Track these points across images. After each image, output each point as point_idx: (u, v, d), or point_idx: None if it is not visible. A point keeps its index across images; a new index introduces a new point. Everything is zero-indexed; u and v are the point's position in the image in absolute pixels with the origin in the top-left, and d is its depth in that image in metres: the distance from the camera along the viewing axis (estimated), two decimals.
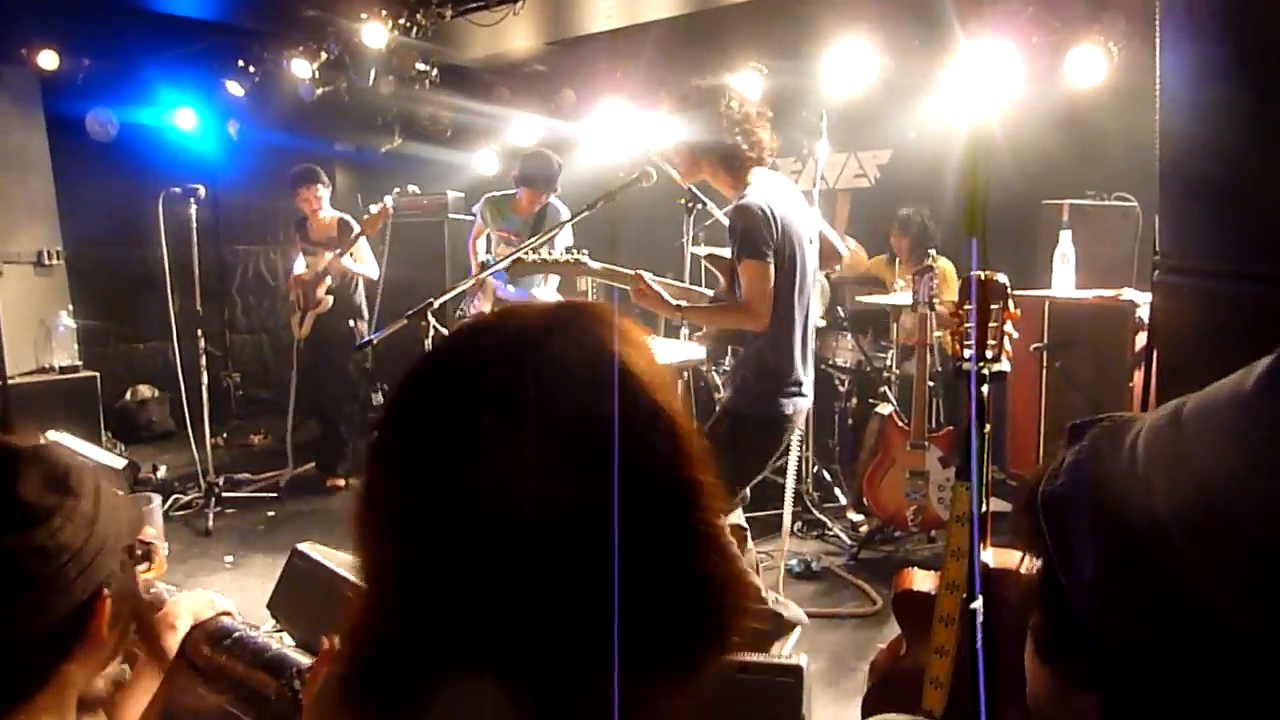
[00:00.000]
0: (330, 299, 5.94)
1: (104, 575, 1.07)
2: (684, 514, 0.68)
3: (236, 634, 1.62)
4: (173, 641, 1.55)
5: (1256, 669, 0.53)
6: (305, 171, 6.04)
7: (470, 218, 7.54)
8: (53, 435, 3.94)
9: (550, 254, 3.72)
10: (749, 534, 3.65)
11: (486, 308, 5.51)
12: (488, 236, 5.79)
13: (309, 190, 5.99)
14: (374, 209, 5.86)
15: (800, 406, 3.34)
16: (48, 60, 6.27)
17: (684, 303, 3.37)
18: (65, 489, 1.05)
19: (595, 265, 3.68)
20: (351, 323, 6.01)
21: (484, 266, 4.78)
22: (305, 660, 1.62)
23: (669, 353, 4.65)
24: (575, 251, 3.74)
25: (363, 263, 6.08)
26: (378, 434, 0.71)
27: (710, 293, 3.58)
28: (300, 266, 6.13)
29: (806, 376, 3.33)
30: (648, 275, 3.44)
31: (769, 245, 3.14)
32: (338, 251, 5.85)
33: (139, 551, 1.19)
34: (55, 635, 1.04)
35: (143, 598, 1.19)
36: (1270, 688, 0.53)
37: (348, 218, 6.07)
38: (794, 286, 3.24)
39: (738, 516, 3.55)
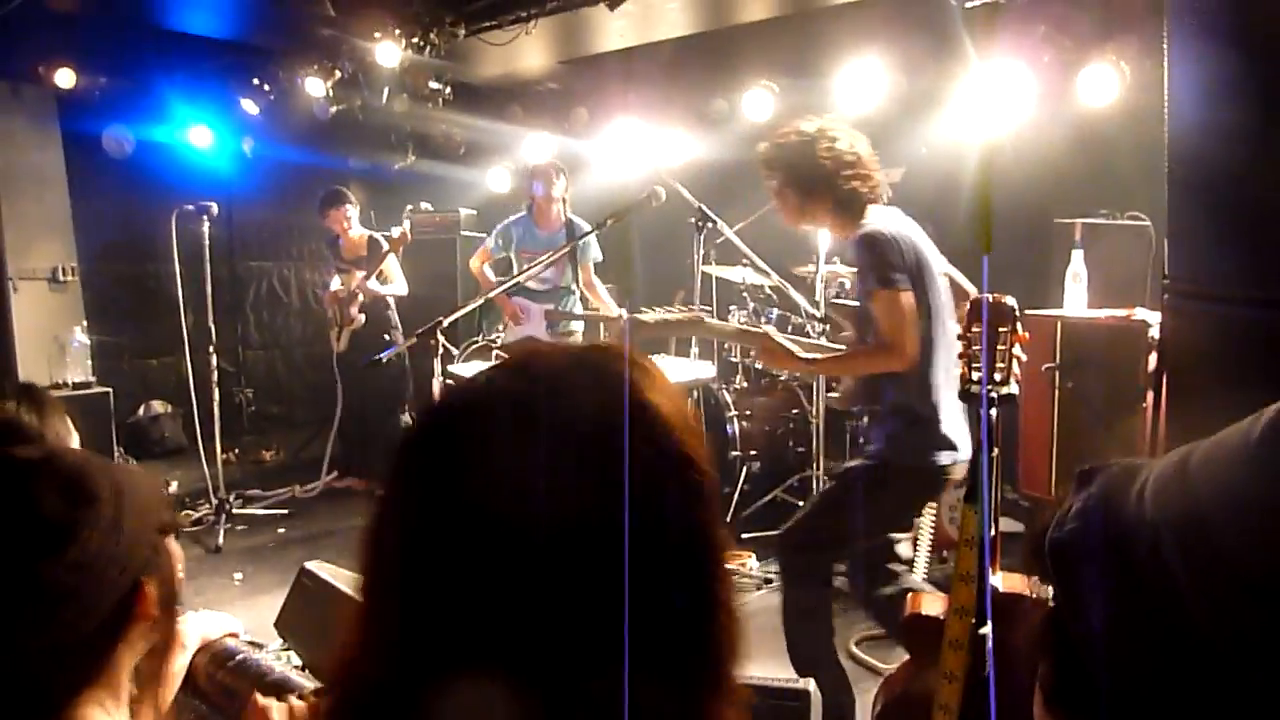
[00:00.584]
0: (363, 317, 6.11)
1: (140, 565, 1.10)
2: (698, 562, 0.68)
3: (240, 656, 1.62)
4: (181, 662, 1.54)
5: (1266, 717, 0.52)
6: (334, 194, 6.26)
7: (482, 235, 7.59)
8: None
9: (667, 314, 3.39)
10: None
11: (531, 330, 5.56)
12: (507, 260, 5.83)
13: (339, 211, 6.21)
14: (395, 232, 6.00)
15: (959, 460, 2.93)
16: (64, 78, 6.34)
17: (815, 355, 3.15)
18: (86, 497, 1.05)
19: (717, 324, 3.60)
20: (387, 337, 6.11)
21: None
22: (309, 684, 1.62)
23: (678, 372, 4.66)
24: (689, 307, 3.63)
25: (391, 282, 6.26)
26: (400, 456, 0.72)
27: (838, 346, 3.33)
28: (336, 284, 6.35)
29: (959, 425, 2.93)
30: (773, 331, 3.25)
31: (901, 271, 2.87)
32: (364, 275, 6.05)
33: (168, 523, 1.20)
34: (102, 633, 1.07)
35: (176, 570, 1.19)
36: None
37: (378, 236, 6.24)
38: (931, 319, 2.94)
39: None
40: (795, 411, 5.69)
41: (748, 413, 5.65)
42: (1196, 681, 0.54)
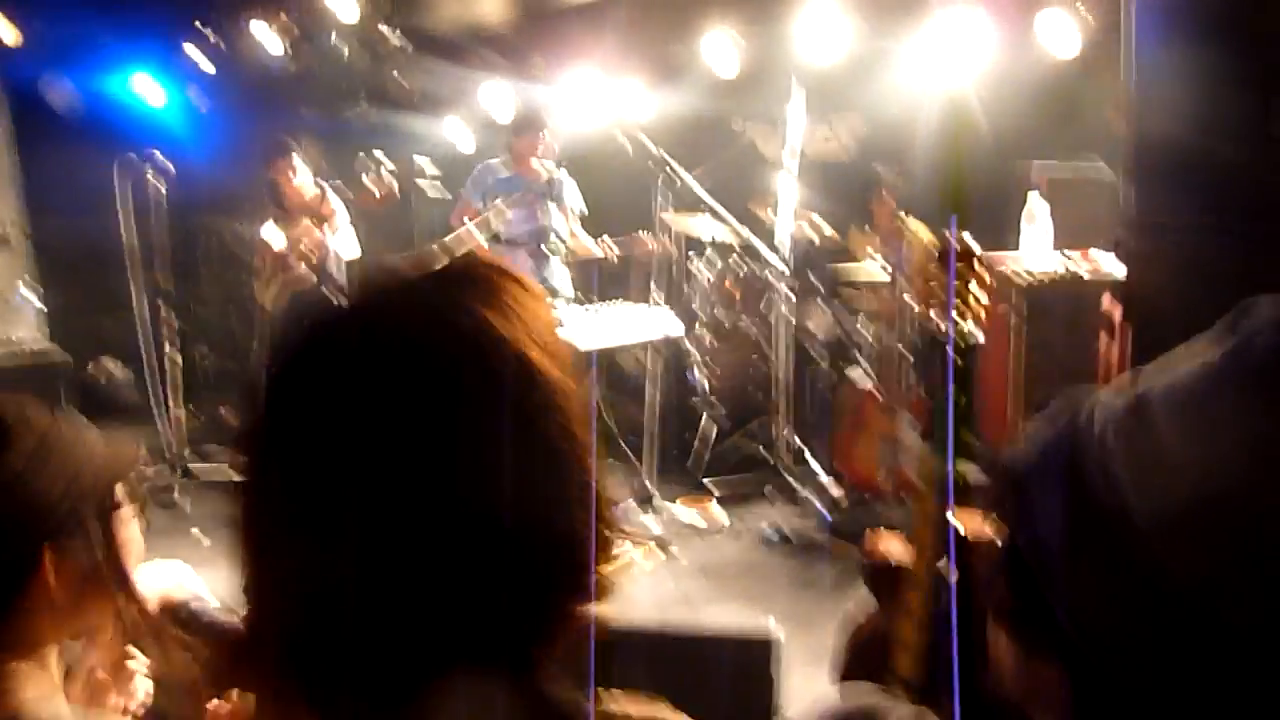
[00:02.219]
0: (313, 277, 5.70)
1: (45, 531, 1.05)
2: (543, 444, 0.67)
3: (205, 619, 1.59)
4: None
5: (1218, 637, 0.53)
6: (276, 144, 5.78)
7: (437, 184, 7.46)
8: None
9: None
10: None
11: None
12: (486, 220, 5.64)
13: (284, 160, 5.73)
14: (368, 180, 5.70)
15: None
16: (3, 30, 6.10)
17: None
18: None
19: None
20: (333, 300, 5.88)
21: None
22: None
23: (639, 322, 4.64)
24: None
25: (336, 232, 5.84)
26: (262, 421, 0.70)
27: None
28: (270, 230, 5.81)
29: None
30: None
31: None
32: (311, 222, 5.66)
33: (112, 500, 1.15)
34: None
35: (120, 547, 1.15)
36: (1233, 658, 0.53)
37: (328, 189, 5.88)
38: None
39: None
40: (757, 358, 5.70)
41: (711, 362, 5.66)
42: (1148, 603, 0.55)
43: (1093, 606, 0.57)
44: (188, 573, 1.63)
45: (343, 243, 5.90)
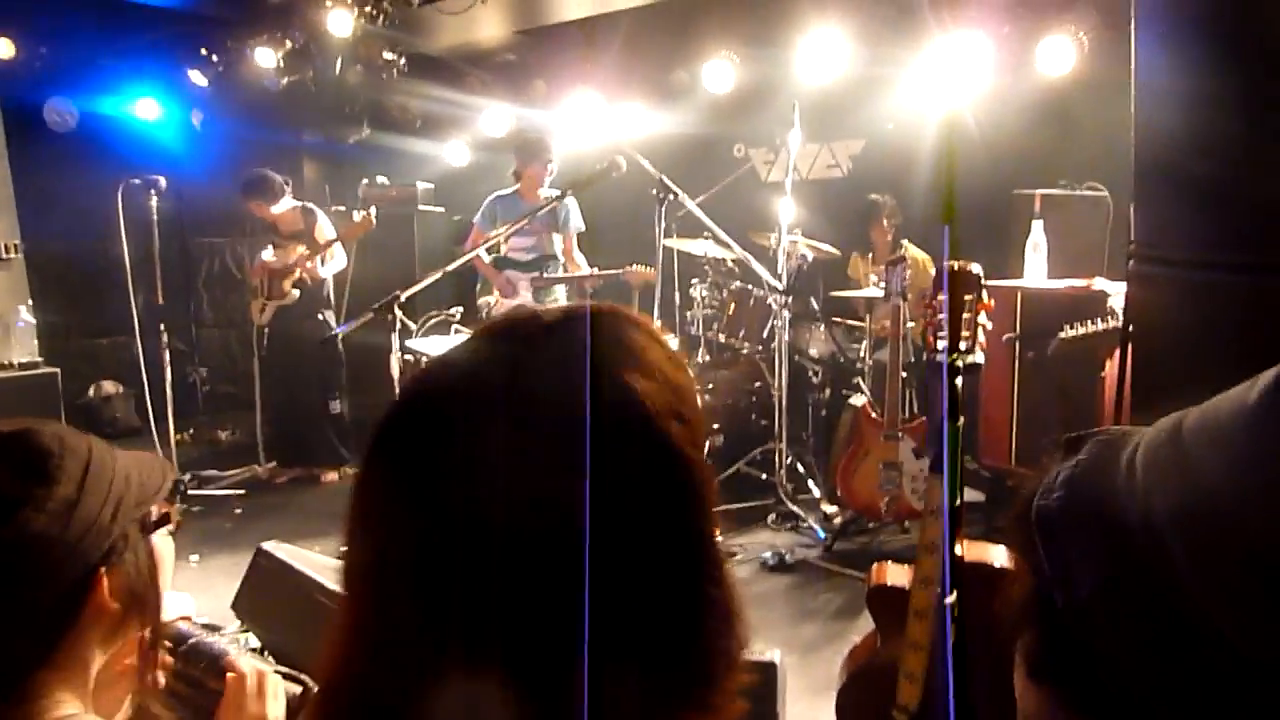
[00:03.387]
0: (296, 293, 5.83)
1: (95, 555, 1.07)
2: (680, 534, 0.64)
3: (192, 640, 1.58)
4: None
5: (1262, 690, 0.51)
6: (252, 182, 5.82)
7: (439, 209, 7.48)
8: None
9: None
10: None
11: (520, 300, 5.54)
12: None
13: (256, 203, 5.82)
14: (357, 216, 5.75)
15: None
16: (3, 49, 6.12)
17: None
18: (39, 477, 1.04)
19: None
20: (320, 316, 5.91)
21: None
22: (265, 668, 1.57)
23: None
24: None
25: (333, 259, 5.96)
26: (377, 437, 0.67)
27: None
28: (269, 254, 5.95)
29: None
30: None
31: None
32: (305, 253, 5.75)
33: (154, 519, 1.17)
34: (50, 618, 1.05)
35: (156, 567, 1.16)
36: (1271, 709, 0.51)
37: (310, 206, 5.95)
38: None
39: None
40: (758, 385, 5.68)
41: (710, 386, 5.64)
42: (1189, 652, 0.53)
43: (1138, 668, 0.55)
44: (188, 602, 1.62)
45: (336, 263, 5.99)
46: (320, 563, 2.67)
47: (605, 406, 0.61)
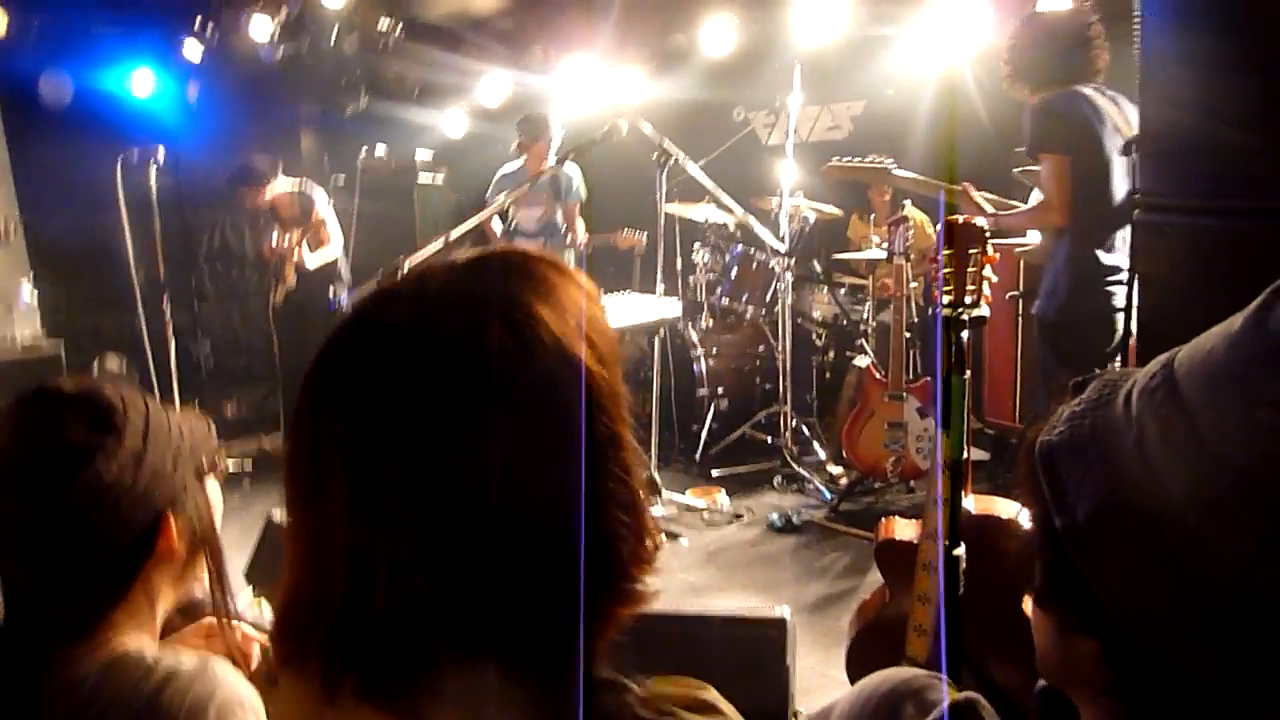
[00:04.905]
0: (295, 278, 5.85)
1: (162, 501, 1.17)
2: (586, 435, 0.66)
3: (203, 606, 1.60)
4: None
5: (1254, 608, 0.52)
6: (236, 174, 5.83)
7: (439, 178, 7.46)
8: None
9: (847, 161, 4.09)
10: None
11: None
12: (506, 211, 5.85)
13: (245, 191, 5.82)
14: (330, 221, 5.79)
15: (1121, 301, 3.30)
16: None
17: (997, 213, 3.65)
18: (108, 428, 1.14)
19: (907, 174, 3.97)
20: (331, 290, 5.92)
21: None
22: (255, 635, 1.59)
23: (643, 310, 4.63)
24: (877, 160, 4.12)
25: (326, 243, 5.92)
26: (312, 399, 0.68)
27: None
28: (275, 238, 5.96)
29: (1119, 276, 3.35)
30: (971, 187, 3.70)
31: (1063, 141, 3.33)
32: (297, 241, 5.76)
33: (206, 466, 1.26)
34: (122, 561, 1.15)
35: (211, 513, 1.26)
36: (1259, 617, 0.52)
37: (307, 191, 5.90)
38: (1101, 187, 3.35)
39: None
40: (761, 348, 5.69)
41: (714, 350, 5.65)
42: (1181, 573, 0.54)
43: (1133, 585, 0.57)
44: None
45: (331, 248, 5.99)
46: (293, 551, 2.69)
47: (511, 327, 0.65)
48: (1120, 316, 3.30)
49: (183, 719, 1.05)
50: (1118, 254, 3.36)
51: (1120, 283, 3.29)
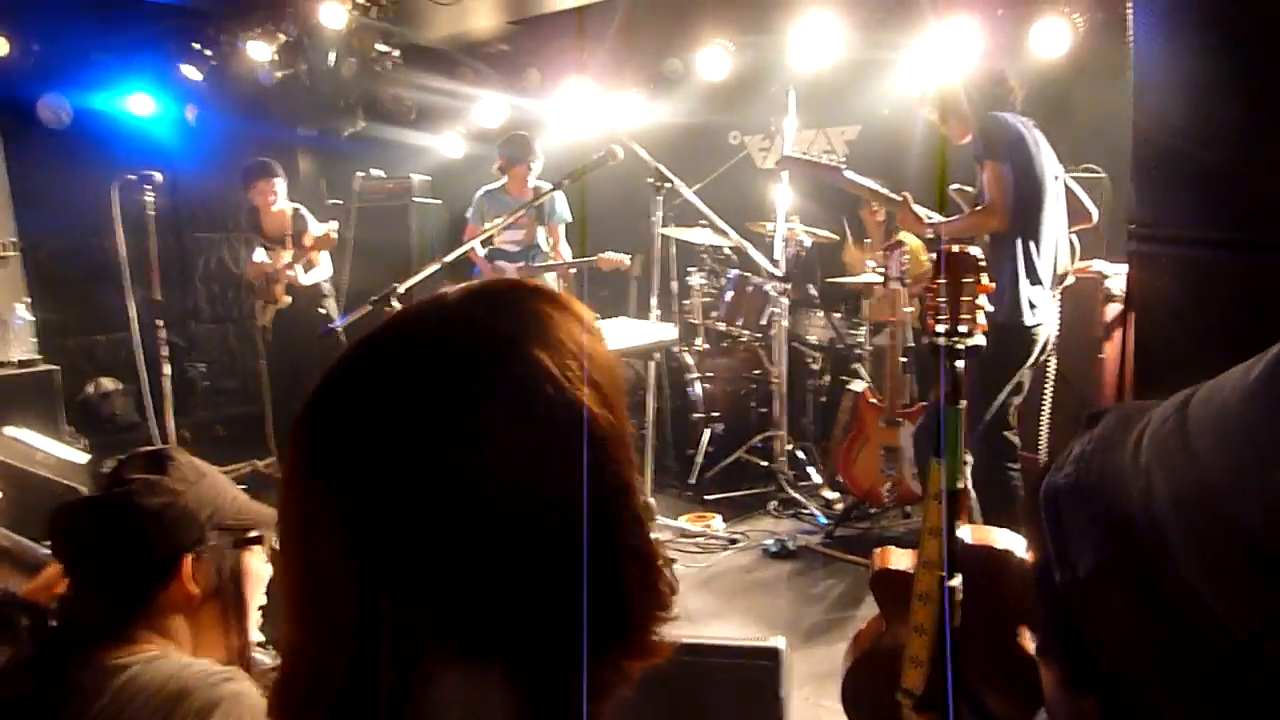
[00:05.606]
0: (289, 299, 5.83)
1: (185, 540, 1.35)
2: (590, 485, 0.64)
3: None
4: None
5: (1252, 673, 0.50)
6: (259, 165, 5.87)
7: (436, 201, 7.47)
8: (10, 431, 3.84)
9: (805, 154, 4.39)
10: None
11: None
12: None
13: (266, 184, 5.82)
14: (319, 230, 5.73)
15: (1043, 321, 3.58)
16: None
17: (936, 220, 3.87)
18: (158, 469, 1.37)
19: (857, 179, 4.11)
20: (322, 309, 5.91)
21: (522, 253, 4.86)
22: (269, 660, 1.58)
23: (637, 333, 4.62)
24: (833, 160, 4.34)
25: (316, 265, 5.92)
26: (293, 431, 0.68)
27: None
28: (260, 255, 5.96)
29: (1045, 296, 3.58)
30: (910, 197, 3.92)
31: (1006, 149, 3.55)
32: (290, 259, 5.75)
33: (245, 536, 1.43)
34: (142, 578, 1.34)
35: (242, 573, 1.42)
36: (1262, 692, 0.50)
37: (302, 210, 5.92)
38: (1034, 200, 3.58)
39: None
40: (757, 372, 5.68)
41: (709, 375, 5.64)
42: (1179, 632, 0.52)
43: (1130, 648, 0.54)
44: None
45: (320, 270, 5.97)
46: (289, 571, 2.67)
47: (513, 381, 0.63)
48: (1041, 330, 3.57)
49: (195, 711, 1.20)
50: (1044, 269, 3.57)
51: (1041, 298, 3.54)
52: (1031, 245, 3.59)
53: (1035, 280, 3.57)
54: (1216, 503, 0.51)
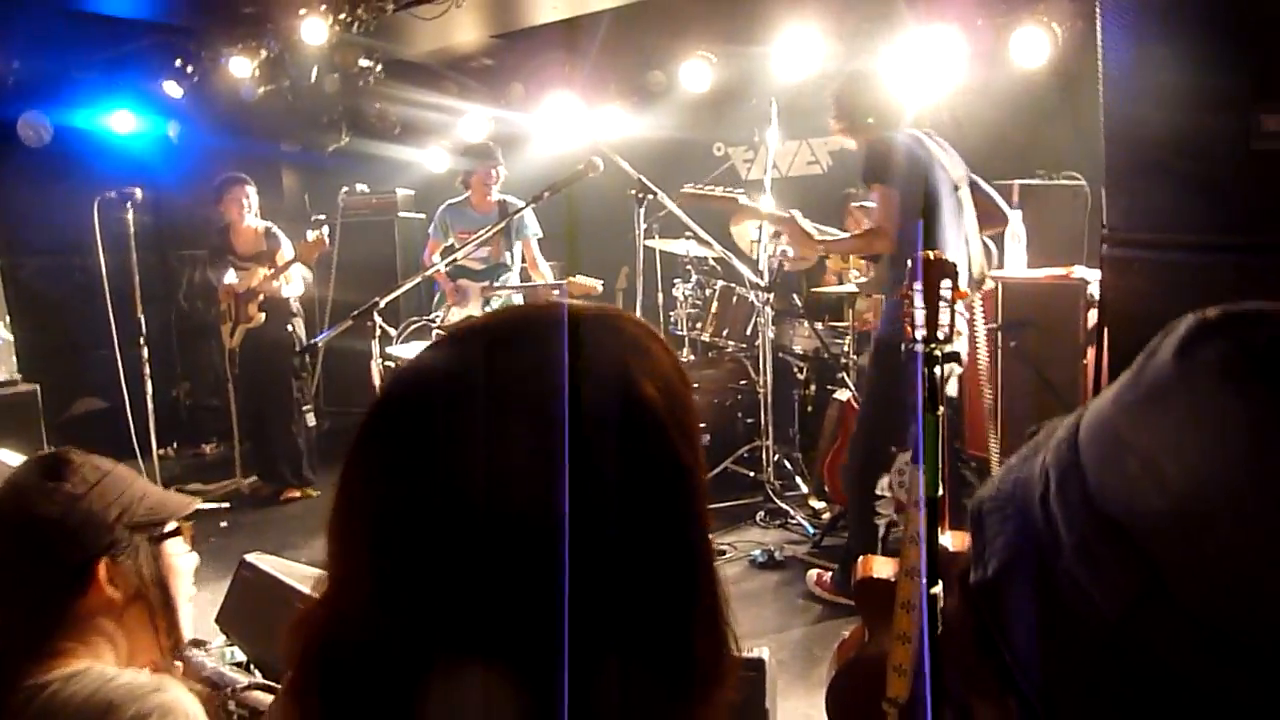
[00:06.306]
0: (263, 316, 5.78)
1: (95, 544, 1.28)
2: (676, 539, 0.64)
3: (205, 671, 1.57)
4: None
5: (1129, 663, 0.51)
6: (231, 176, 5.85)
7: (420, 216, 7.46)
8: None
9: (710, 190, 4.41)
10: None
11: (471, 309, 5.47)
12: (452, 246, 5.69)
13: (239, 189, 5.77)
14: (310, 236, 5.67)
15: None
16: None
17: (827, 238, 3.93)
18: (54, 475, 1.30)
19: (749, 203, 4.20)
20: (289, 327, 5.86)
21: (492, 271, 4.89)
22: (242, 679, 1.56)
23: None
24: (729, 191, 4.38)
25: (290, 282, 5.88)
26: (364, 435, 0.67)
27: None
28: (231, 277, 5.89)
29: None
30: (798, 215, 4.00)
31: (893, 172, 3.57)
32: (269, 273, 5.71)
33: (161, 531, 1.37)
34: (56, 592, 1.27)
35: (165, 570, 1.37)
36: (1137, 672, 0.51)
37: (274, 228, 5.89)
38: (930, 216, 3.59)
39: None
40: (743, 383, 5.68)
41: (695, 385, 5.62)
42: (1065, 622, 0.53)
43: (1028, 643, 0.55)
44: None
45: (294, 287, 5.94)
46: (304, 573, 2.65)
47: (616, 410, 0.62)
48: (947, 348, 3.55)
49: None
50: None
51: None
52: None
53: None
54: (1090, 496, 0.53)
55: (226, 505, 5.71)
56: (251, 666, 2.43)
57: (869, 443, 3.79)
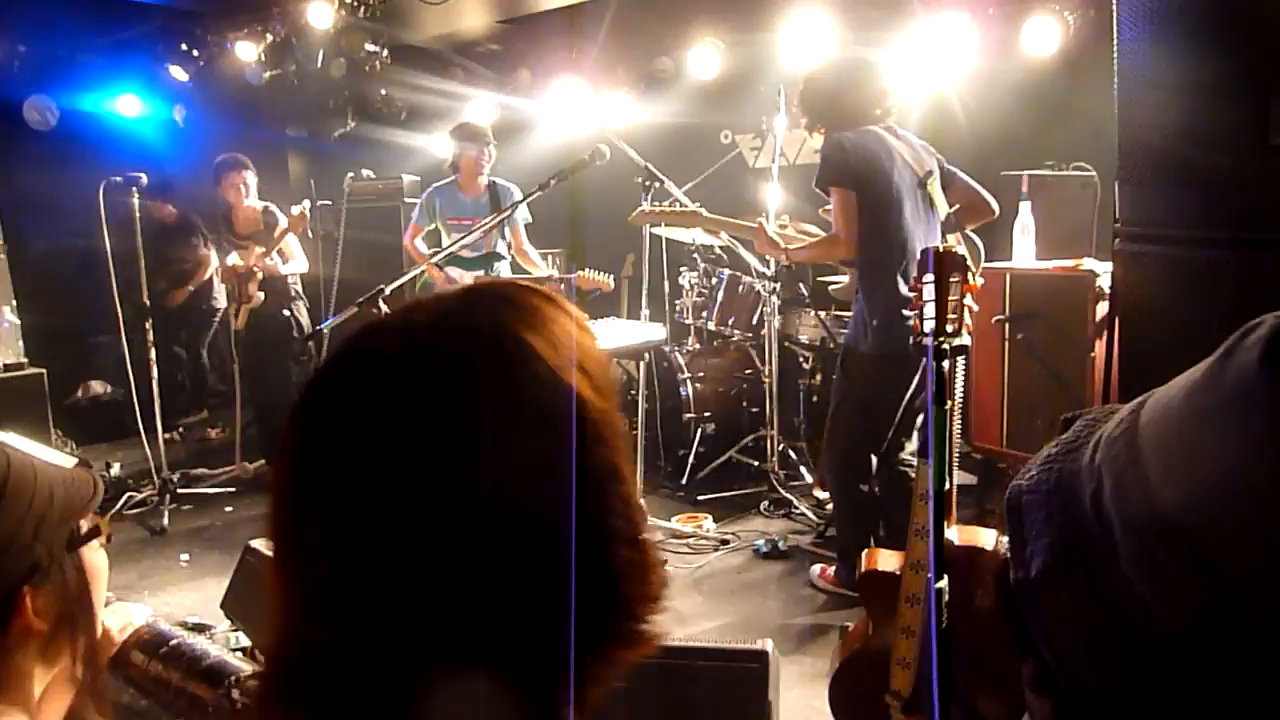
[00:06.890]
0: (262, 295, 5.80)
1: (17, 574, 1.03)
2: (581, 467, 0.64)
3: (173, 641, 1.55)
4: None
5: (1189, 680, 0.49)
6: (230, 158, 5.88)
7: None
8: None
9: (657, 205, 4.30)
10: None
11: None
12: (436, 230, 5.62)
13: (237, 174, 5.79)
14: (294, 210, 5.65)
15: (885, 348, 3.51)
16: None
17: (794, 245, 3.88)
18: None
19: (711, 216, 4.13)
20: (287, 312, 5.86)
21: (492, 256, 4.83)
22: (245, 667, 1.55)
23: (628, 334, 4.61)
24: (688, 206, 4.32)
25: (292, 259, 5.90)
26: (286, 433, 0.67)
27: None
28: (233, 258, 5.95)
29: (892, 319, 3.48)
30: (765, 222, 3.94)
31: (849, 175, 3.51)
32: (263, 251, 5.72)
33: (81, 534, 1.13)
34: None
35: (88, 578, 1.13)
36: (1196, 687, 0.49)
37: (272, 206, 5.89)
38: (894, 218, 3.53)
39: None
40: (748, 372, 5.67)
41: (701, 374, 5.62)
42: (1119, 630, 0.52)
43: (1075, 646, 0.54)
44: (134, 608, 1.58)
45: (296, 264, 5.96)
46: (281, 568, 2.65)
47: (502, 359, 0.64)
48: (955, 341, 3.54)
49: None
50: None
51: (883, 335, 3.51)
52: (907, 264, 3.50)
53: (904, 297, 3.45)
54: (1155, 502, 0.51)
55: (232, 490, 5.70)
56: (256, 653, 2.43)
57: (843, 447, 3.79)
